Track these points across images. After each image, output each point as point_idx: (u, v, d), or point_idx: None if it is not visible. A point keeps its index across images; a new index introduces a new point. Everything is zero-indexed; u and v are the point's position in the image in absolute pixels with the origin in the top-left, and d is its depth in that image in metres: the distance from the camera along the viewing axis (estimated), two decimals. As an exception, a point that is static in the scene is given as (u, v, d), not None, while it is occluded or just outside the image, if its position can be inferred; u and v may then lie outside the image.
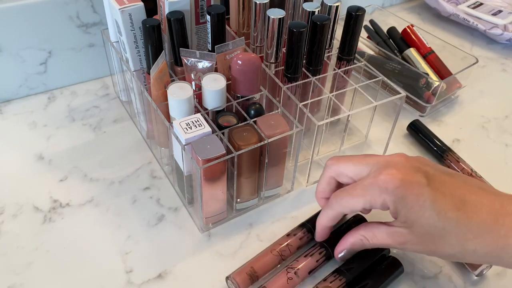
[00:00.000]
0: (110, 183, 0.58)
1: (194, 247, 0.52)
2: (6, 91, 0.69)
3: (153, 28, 0.51)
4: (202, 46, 0.60)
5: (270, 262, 0.48)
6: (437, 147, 0.64)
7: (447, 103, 0.75)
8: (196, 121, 0.48)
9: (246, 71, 0.51)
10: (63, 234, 0.53)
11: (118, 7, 0.51)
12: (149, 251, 0.51)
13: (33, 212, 0.55)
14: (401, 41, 0.79)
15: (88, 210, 0.55)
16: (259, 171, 0.53)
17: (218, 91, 0.50)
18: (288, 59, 0.56)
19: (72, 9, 0.66)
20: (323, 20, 0.54)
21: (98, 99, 0.71)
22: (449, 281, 0.50)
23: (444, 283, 0.50)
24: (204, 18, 0.57)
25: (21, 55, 0.66)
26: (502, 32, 0.88)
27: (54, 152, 0.62)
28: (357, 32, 0.59)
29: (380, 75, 0.60)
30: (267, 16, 0.55)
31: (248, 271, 0.47)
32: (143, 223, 0.54)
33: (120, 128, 0.66)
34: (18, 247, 0.51)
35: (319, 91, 0.61)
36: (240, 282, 0.46)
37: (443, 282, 0.50)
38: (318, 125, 0.52)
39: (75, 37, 0.69)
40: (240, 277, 0.46)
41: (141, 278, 0.49)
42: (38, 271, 0.49)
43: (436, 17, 0.98)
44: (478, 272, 0.50)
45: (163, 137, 0.57)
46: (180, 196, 0.57)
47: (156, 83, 0.52)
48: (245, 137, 0.49)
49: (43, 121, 0.67)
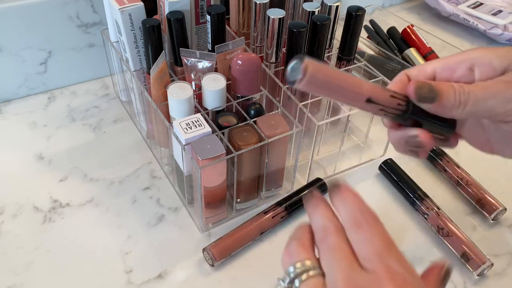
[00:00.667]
0: (110, 183, 0.58)
1: (194, 247, 0.52)
2: (6, 91, 0.69)
3: (153, 28, 0.51)
4: (202, 46, 0.60)
5: (248, 236, 0.51)
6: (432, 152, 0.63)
7: (447, 103, 0.75)
8: (196, 121, 0.48)
9: (246, 71, 0.51)
10: (63, 234, 0.53)
11: (118, 7, 0.51)
12: (149, 251, 0.51)
13: (33, 212, 0.55)
14: (401, 41, 0.80)
15: (88, 210, 0.55)
16: (259, 171, 0.53)
17: (218, 91, 0.50)
18: (288, 59, 0.56)
19: (72, 9, 0.66)
20: (323, 20, 0.54)
21: (98, 99, 0.71)
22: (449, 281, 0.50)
23: (444, 283, 0.50)
24: (204, 18, 0.57)
25: (21, 55, 0.66)
26: (502, 32, 0.88)
27: (54, 152, 0.62)
28: (357, 32, 0.59)
29: (380, 75, 0.60)
30: (267, 16, 0.55)
31: (225, 244, 0.49)
32: (143, 223, 0.54)
33: (120, 128, 0.66)
34: (18, 247, 0.51)
35: (319, 91, 0.61)
36: (216, 254, 0.48)
37: (443, 282, 0.50)
38: (318, 125, 0.52)
39: (75, 37, 0.69)
40: (216, 249, 0.48)
41: (141, 278, 0.49)
42: (38, 271, 0.49)
43: (436, 17, 0.98)
44: (479, 271, 0.50)
45: (163, 137, 0.57)
46: (180, 196, 0.57)
47: (156, 83, 0.52)
48: (245, 137, 0.49)
49: (43, 121, 0.67)
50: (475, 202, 0.57)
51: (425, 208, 0.55)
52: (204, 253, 0.49)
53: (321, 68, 0.30)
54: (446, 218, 0.54)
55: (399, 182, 0.59)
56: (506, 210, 0.56)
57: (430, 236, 0.55)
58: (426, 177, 0.62)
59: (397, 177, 0.59)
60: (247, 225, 0.51)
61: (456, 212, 0.57)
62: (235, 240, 0.50)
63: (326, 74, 0.31)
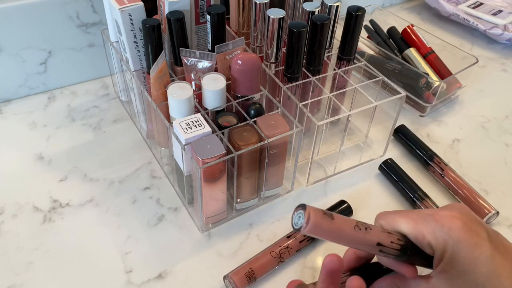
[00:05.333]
0: (110, 183, 0.58)
1: (194, 247, 0.52)
2: (6, 91, 0.69)
3: (153, 28, 0.51)
4: (202, 46, 0.60)
5: (269, 264, 0.48)
6: (423, 153, 0.63)
7: (447, 103, 0.75)
8: (196, 121, 0.48)
9: (246, 71, 0.51)
10: (63, 234, 0.53)
11: (118, 7, 0.51)
12: (149, 251, 0.51)
13: (33, 212, 0.55)
14: (401, 41, 0.79)
15: (88, 210, 0.55)
16: (259, 171, 0.53)
17: (218, 91, 0.50)
18: (288, 59, 0.56)
19: (72, 9, 0.66)
20: (323, 20, 0.54)
21: (98, 99, 0.71)
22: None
23: (444, 283, 0.50)
24: (204, 18, 0.57)
25: (21, 55, 0.66)
26: (502, 32, 0.88)
27: (54, 152, 0.62)
28: (357, 32, 0.59)
29: (380, 75, 0.60)
30: (267, 16, 0.55)
31: (246, 271, 0.47)
32: (143, 223, 0.54)
33: (120, 128, 0.66)
34: (18, 247, 0.51)
35: (319, 91, 0.61)
36: (238, 282, 0.46)
37: (443, 282, 0.50)
38: (318, 125, 0.52)
39: (75, 37, 0.69)
40: (237, 277, 0.47)
41: (141, 278, 0.49)
42: (38, 271, 0.49)
43: (436, 17, 0.98)
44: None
45: (163, 137, 0.57)
46: (180, 196, 0.57)
47: (156, 83, 0.52)
48: (245, 137, 0.49)
49: (43, 121, 0.67)
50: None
51: (425, 208, 0.55)
52: (225, 281, 0.48)
53: (323, 217, 0.34)
54: (446, 218, 0.54)
55: (399, 182, 0.59)
56: (498, 214, 0.56)
57: (430, 236, 0.55)
58: (426, 177, 0.62)
59: (397, 177, 0.59)
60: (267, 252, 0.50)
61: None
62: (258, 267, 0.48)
63: (327, 223, 0.34)
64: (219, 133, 0.49)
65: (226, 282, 0.47)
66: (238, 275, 0.47)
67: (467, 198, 0.57)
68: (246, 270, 0.47)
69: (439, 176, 0.60)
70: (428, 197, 0.56)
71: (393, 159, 0.61)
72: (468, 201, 0.57)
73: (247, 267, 0.47)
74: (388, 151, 0.64)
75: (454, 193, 0.58)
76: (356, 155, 0.64)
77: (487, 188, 0.60)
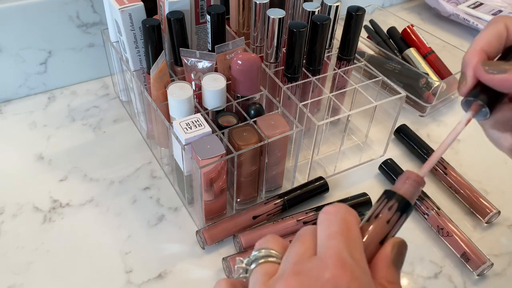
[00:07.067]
0: (110, 183, 0.58)
1: (194, 247, 0.52)
2: (6, 91, 0.69)
3: (153, 28, 0.51)
4: (202, 46, 0.60)
5: (243, 222, 0.51)
6: (425, 152, 0.63)
7: (447, 103, 0.75)
8: (196, 121, 0.48)
9: (246, 71, 0.51)
10: (63, 234, 0.53)
11: (118, 7, 0.51)
12: (149, 251, 0.51)
13: (33, 212, 0.55)
14: (401, 41, 0.79)
15: (88, 210, 0.55)
16: (259, 171, 0.53)
17: (218, 91, 0.50)
18: (288, 59, 0.56)
19: (72, 9, 0.66)
20: (323, 20, 0.54)
21: (98, 99, 0.71)
22: (449, 281, 0.50)
23: (444, 283, 0.50)
24: (204, 18, 0.57)
25: (21, 55, 0.66)
26: (502, 32, 0.87)
27: (54, 152, 0.62)
28: (357, 32, 0.59)
29: (380, 75, 0.60)
30: (267, 16, 0.55)
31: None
32: (143, 223, 0.54)
33: (120, 128, 0.66)
34: (18, 247, 0.51)
35: (319, 91, 0.61)
36: (208, 237, 0.50)
37: (443, 282, 0.50)
38: (318, 125, 0.52)
39: (75, 37, 0.69)
40: (209, 232, 0.50)
41: (141, 278, 0.49)
42: (38, 271, 0.49)
43: (436, 17, 0.98)
44: (479, 271, 0.50)
45: (163, 137, 0.57)
46: (180, 196, 0.57)
47: (156, 83, 0.52)
48: (245, 137, 0.49)
49: (43, 121, 0.67)
50: (468, 206, 0.57)
51: (425, 208, 0.55)
52: (196, 235, 0.51)
53: None
54: (446, 218, 0.54)
55: (399, 182, 0.59)
56: (500, 213, 0.56)
57: (430, 236, 0.55)
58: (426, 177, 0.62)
59: (397, 177, 0.59)
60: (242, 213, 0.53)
61: (455, 212, 0.57)
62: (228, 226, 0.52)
63: None
64: (219, 133, 0.49)
65: (197, 237, 0.51)
66: (209, 231, 0.50)
67: (469, 198, 0.57)
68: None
69: (441, 175, 0.60)
70: (428, 197, 0.56)
71: (393, 159, 0.61)
72: (470, 200, 0.57)
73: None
74: (388, 151, 0.64)
75: (455, 193, 0.58)
76: (356, 155, 0.64)
77: (487, 188, 0.60)
